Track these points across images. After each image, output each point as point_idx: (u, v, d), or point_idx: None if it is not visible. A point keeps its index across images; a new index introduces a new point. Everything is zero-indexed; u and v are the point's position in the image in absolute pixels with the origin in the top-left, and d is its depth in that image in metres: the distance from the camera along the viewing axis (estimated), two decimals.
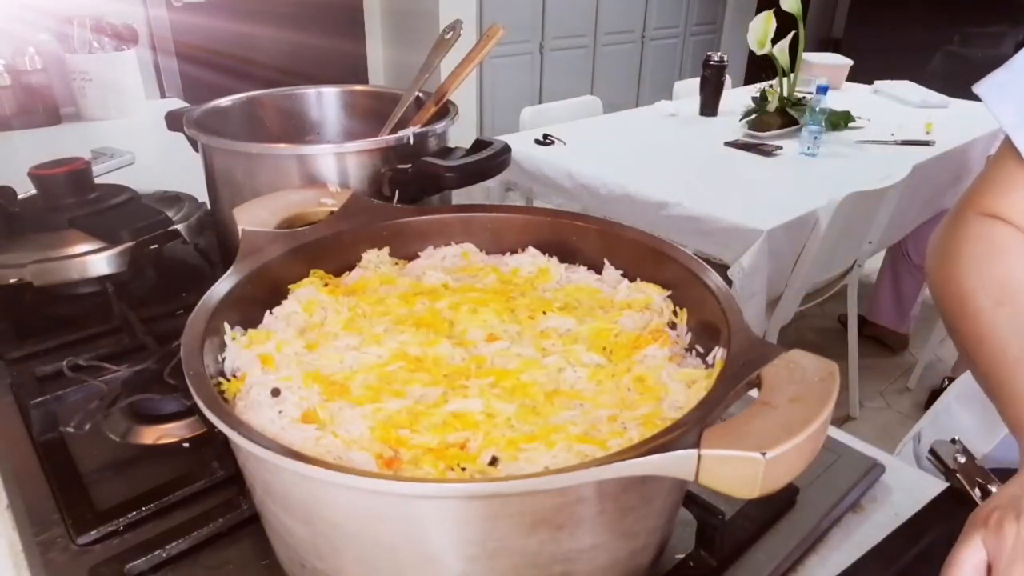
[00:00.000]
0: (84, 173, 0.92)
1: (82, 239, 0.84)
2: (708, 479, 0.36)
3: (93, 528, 0.54)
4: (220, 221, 0.90)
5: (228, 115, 0.95)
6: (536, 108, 2.60)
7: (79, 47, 1.79)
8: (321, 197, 0.66)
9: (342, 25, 3.62)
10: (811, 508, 0.57)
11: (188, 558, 0.52)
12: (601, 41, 4.13)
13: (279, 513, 0.44)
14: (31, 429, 0.65)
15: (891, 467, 0.62)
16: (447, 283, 0.60)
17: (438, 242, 0.66)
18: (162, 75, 2.97)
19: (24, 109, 1.75)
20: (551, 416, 0.45)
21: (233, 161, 0.83)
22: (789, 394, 0.38)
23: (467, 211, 0.67)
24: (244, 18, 3.21)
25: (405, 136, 0.80)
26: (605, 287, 0.60)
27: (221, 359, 0.50)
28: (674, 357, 0.51)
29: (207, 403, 0.41)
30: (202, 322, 0.49)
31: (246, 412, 0.45)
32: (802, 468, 0.36)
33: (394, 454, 0.42)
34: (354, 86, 1.05)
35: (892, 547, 0.51)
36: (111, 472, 0.61)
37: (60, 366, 0.69)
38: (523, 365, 0.49)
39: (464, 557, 0.40)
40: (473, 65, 0.83)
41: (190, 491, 0.57)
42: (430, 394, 0.47)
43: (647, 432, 0.42)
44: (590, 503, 0.40)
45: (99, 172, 1.34)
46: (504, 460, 0.41)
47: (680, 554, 0.52)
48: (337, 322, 0.54)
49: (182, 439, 0.64)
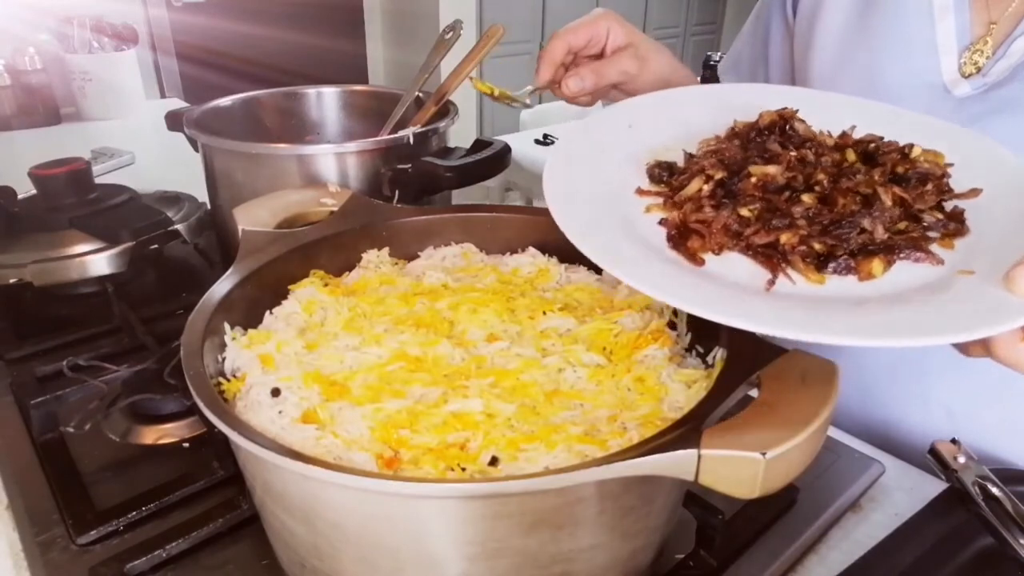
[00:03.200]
0: (84, 173, 0.92)
1: (82, 239, 0.84)
2: (708, 479, 0.36)
3: (93, 528, 0.54)
4: (220, 221, 0.90)
5: (228, 115, 0.95)
6: (536, 108, 2.60)
7: (79, 47, 1.78)
8: (321, 197, 0.66)
9: (342, 25, 3.62)
10: (811, 508, 0.57)
11: (188, 558, 0.52)
12: None
13: (279, 513, 0.44)
14: (31, 429, 0.65)
15: (891, 467, 0.62)
16: (447, 283, 0.60)
17: (438, 242, 0.66)
18: (162, 75, 2.98)
19: (24, 109, 1.75)
20: (551, 416, 0.45)
21: (233, 161, 0.83)
22: (789, 394, 0.38)
23: (467, 211, 0.67)
24: (244, 18, 3.21)
25: (405, 136, 0.80)
26: (605, 287, 0.60)
27: (221, 359, 0.50)
28: (674, 357, 0.51)
29: (207, 403, 0.41)
30: (202, 322, 0.49)
31: (246, 412, 0.45)
32: (802, 468, 0.36)
33: (394, 454, 0.42)
34: (354, 86, 1.05)
35: (892, 547, 0.51)
36: (111, 472, 0.61)
37: (60, 366, 0.69)
38: (523, 365, 0.49)
39: (464, 557, 0.40)
40: (473, 65, 0.83)
41: (190, 491, 0.57)
42: (430, 394, 0.47)
43: (647, 432, 0.42)
44: (590, 503, 0.40)
45: (99, 172, 1.34)
46: (504, 460, 0.41)
47: (680, 554, 0.52)
48: (337, 322, 0.54)
49: (182, 439, 0.64)
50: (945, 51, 0.65)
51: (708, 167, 0.51)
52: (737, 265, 0.46)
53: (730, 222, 0.47)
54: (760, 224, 0.47)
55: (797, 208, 0.48)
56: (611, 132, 0.59)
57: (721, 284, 0.44)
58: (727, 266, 0.46)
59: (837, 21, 0.72)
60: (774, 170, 0.50)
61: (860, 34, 0.70)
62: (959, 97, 0.64)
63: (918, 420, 0.72)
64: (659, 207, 0.51)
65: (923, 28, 0.65)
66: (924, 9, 0.65)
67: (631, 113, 0.60)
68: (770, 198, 0.49)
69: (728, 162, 0.52)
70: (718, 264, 0.46)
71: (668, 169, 0.54)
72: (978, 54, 0.63)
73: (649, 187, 0.53)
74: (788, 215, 0.47)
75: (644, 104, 0.62)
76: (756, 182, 0.49)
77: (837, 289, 0.44)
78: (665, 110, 0.61)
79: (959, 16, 0.64)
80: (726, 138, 0.56)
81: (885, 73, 0.68)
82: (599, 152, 0.56)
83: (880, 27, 0.68)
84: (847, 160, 0.52)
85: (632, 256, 0.45)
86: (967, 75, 0.64)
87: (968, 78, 0.64)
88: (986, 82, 0.63)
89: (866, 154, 0.53)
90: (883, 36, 0.68)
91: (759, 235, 0.46)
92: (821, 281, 0.44)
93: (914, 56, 0.66)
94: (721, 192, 0.50)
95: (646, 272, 0.43)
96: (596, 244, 0.45)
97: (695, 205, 0.49)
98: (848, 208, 0.47)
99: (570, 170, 0.53)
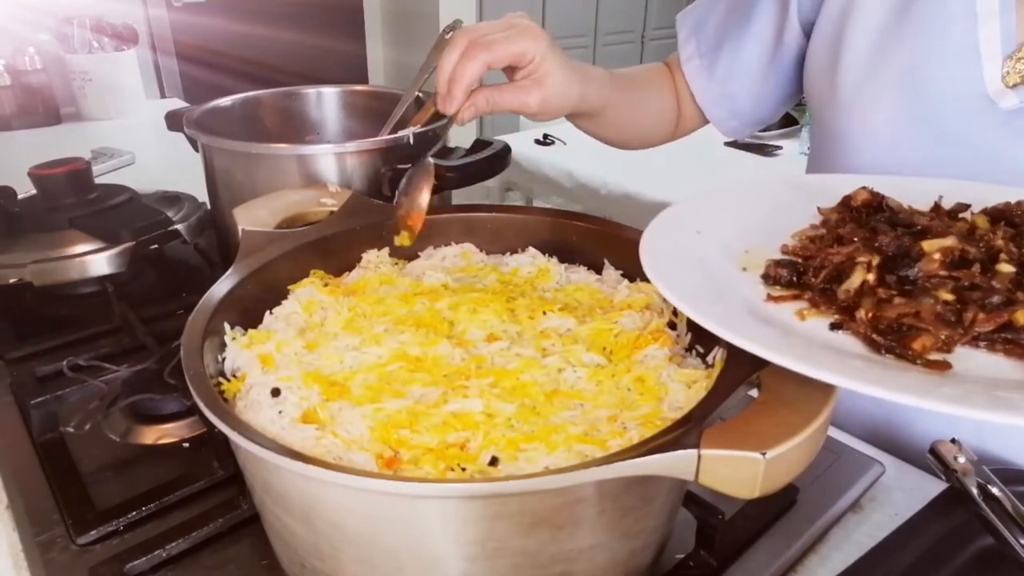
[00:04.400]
0: (84, 173, 0.92)
1: (82, 239, 0.84)
2: (708, 479, 0.36)
3: (93, 528, 0.54)
4: (220, 221, 0.90)
5: (228, 115, 0.95)
6: None
7: (79, 47, 1.79)
8: (321, 197, 0.67)
9: (342, 25, 3.62)
10: (811, 508, 0.57)
11: (188, 558, 0.52)
12: (601, 41, 4.13)
13: (279, 513, 0.44)
14: (31, 429, 0.65)
15: (891, 467, 0.62)
16: (447, 283, 0.60)
17: (438, 242, 0.66)
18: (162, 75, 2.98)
19: (24, 109, 1.75)
20: (551, 416, 0.45)
21: (233, 161, 0.83)
22: (789, 394, 0.38)
23: (467, 211, 0.67)
24: (244, 18, 3.21)
25: (405, 136, 0.80)
26: (605, 287, 0.60)
27: (221, 359, 0.50)
28: (674, 357, 0.51)
29: (207, 403, 0.41)
30: (202, 322, 0.49)
31: (246, 412, 0.45)
32: (802, 468, 0.36)
33: (394, 454, 0.42)
34: (354, 86, 1.05)
35: (892, 547, 0.51)
36: (111, 472, 0.61)
37: (60, 366, 0.69)
38: (523, 365, 0.49)
39: (464, 557, 0.40)
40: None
41: (190, 491, 0.57)
42: (430, 394, 0.47)
43: (647, 432, 0.42)
44: (590, 503, 0.40)
45: (99, 172, 1.35)
46: (504, 460, 0.41)
47: (680, 554, 0.52)
48: (337, 322, 0.54)
49: (182, 439, 0.64)
50: (988, 58, 0.61)
51: (856, 254, 0.46)
52: (971, 359, 0.40)
53: (941, 310, 0.41)
54: (977, 307, 0.41)
55: (996, 282, 0.42)
56: (682, 239, 0.52)
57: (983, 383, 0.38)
58: (962, 362, 0.40)
59: (874, 19, 0.67)
60: (952, 242, 0.44)
61: (898, 33, 0.66)
62: (1006, 110, 0.61)
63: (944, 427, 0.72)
64: (813, 312, 0.44)
65: (966, 31, 0.62)
66: (968, 11, 0.62)
67: (693, 220, 0.55)
68: (959, 275, 0.43)
69: (880, 246, 0.46)
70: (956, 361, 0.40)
71: (792, 267, 0.48)
72: (1022, 62, 0.60)
73: (777, 291, 0.47)
74: (993, 290, 0.42)
75: (696, 211, 0.57)
76: (941, 259, 0.44)
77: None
78: (718, 213, 0.56)
79: (1005, 21, 0.60)
80: (822, 224, 0.52)
81: (925, 77, 0.64)
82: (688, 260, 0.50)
83: (921, 26, 0.64)
84: (979, 227, 0.48)
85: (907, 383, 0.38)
86: (1011, 85, 0.61)
87: (1013, 88, 0.60)
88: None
89: (993, 219, 0.49)
90: (924, 36, 0.64)
91: (984, 320, 0.40)
92: None
93: (955, 61, 0.63)
94: (891, 280, 0.44)
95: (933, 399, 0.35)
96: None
97: (872, 301, 0.43)
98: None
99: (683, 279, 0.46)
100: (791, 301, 0.46)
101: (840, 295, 0.44)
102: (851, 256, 0.46)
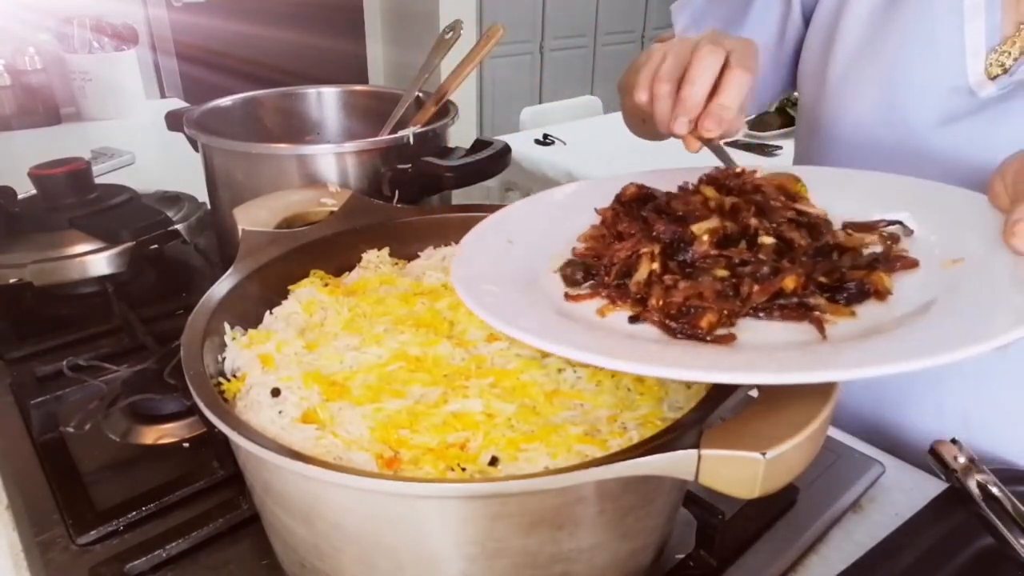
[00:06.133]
0: (84, 173, 0.92)
1: (82, 239, 0.84)
2: (708, 479, 0.36)
3: (93, 528, 0.54)
4: (220, 221, 0.90)
5: (228, 115, 0.95)
6: (536, 108, 2.60)
7: (79, 47, 1.79)
8: (321, 197, 0.66)
9: (342, 25, 3.62)
10: (811, 508, 0.57)
11: (188, 558, 0.52)
12: (601, 41, 4.12)
13: (279, 513, 0.44)
14: (31, 429, 0.65)
15: (891, 467, 0.62)
16: (447, 283, 0.60)
17: (438, 242, 0.66)
18: (162, 75, 2.98)
19: (24, 109, 1.75)
20: (551, 416, 0.45)
21: (233, 161, 0.84)
22: (789, 394, 0.38)
23: (467, 211, 0.67)
24: (244, 18, 3.21)
25: (405, 136, 0.81)
26: None
27: (221, 359, 0.50)
28: None
29: (207, 403, 0.41)
30: (202, 322, 0.49)
31: (246, 412, 0.45)
32: (802, 468, 0.36)
33: (394, 454, 0.42)
34: (354, 86, 1.05)
35: (892, 547, 0.51)
36: (111, 472, 0.61)
37: (60, 366, 0.70)
38: (523, 365, 0.49)
39: (464, 557, 0.40)
40: (473, 65, 0.83)
41: (190, 491, 0.57)
42: (430, 394, 0.47)
43: (647, 432, 0.42)
44: (590, 503, 0.40)
45: (99, 172, 1.35)
46: (504, 460, 0.41)
47: (680, 554, 0.52)
48: (337, 322, 0.54)
49: (182, 439, 0.64)
50: (972, 53, 0.63)
51: (638, 247, 0.48)
52: (758, 329, 0.43)
53: (720, 288, 0.44)
54: (751, 280, 0.44)
55: (762, 254, 0.45)
56: (491, 253, 0.54)
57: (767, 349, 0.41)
58: (746, 333, 0.42)
59: (865, 11, 0.69)
60: (716, 223, 0.47)
61: (885, 28, 0.67)
62: (984, 98, 0.63)
63: (932, 424, 0.72)
64: (611, 308, 0.46)
65: (951, 28, 0.63)
66: (954, 8, 0.63)
67: (503, 230, 0.57)
68: (729, 253, 0.46)
69: (657, 235, 0.48)
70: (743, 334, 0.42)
71: (583, 267, 0.50)
72: (1005, 55, 0.62)
73: (575, 291, 0.49)
74: (761, 263, 0.45)
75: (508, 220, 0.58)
76: (709, 240, 0.46)
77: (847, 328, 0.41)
78: (529, 220, 0.58)
79: (990, 16, 0.62)
80: (602, 224, 0.54)
81: (908, 72, 0.66)
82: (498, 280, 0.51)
83: (906, 23, 0.66)
84: (708, 197, 0.50)
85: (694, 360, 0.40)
86: (993, 76, 0.62)
87: (994, 79, 0.62)
88: (1012, 81, 0.61)
89: (716, 188, 0.52)
90: (909, 33, 0.66)
91: (759, 292, 0.43)
92: (854, 315, 0.42)
93: (939, 57, 0.64)
94: (673, 266, 0.47)
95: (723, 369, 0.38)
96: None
97: (660, 288, 0.45)
98: (817, 236, 0.46)
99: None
100: (590, 299, 0.48)
101: (632, 288, 0.47)
102: (635, 249, 0.48)
